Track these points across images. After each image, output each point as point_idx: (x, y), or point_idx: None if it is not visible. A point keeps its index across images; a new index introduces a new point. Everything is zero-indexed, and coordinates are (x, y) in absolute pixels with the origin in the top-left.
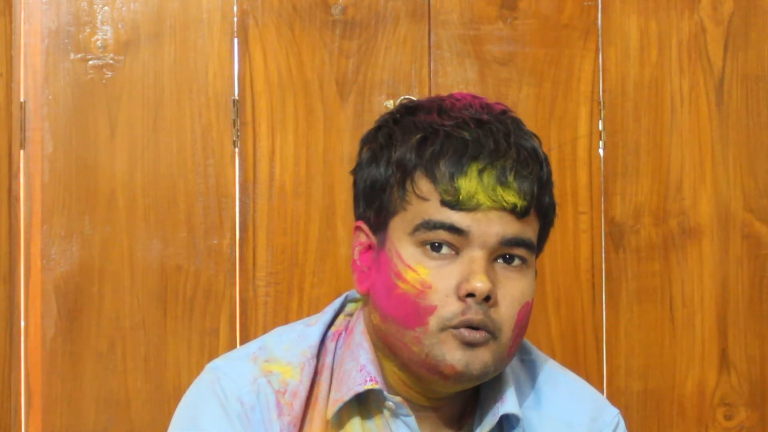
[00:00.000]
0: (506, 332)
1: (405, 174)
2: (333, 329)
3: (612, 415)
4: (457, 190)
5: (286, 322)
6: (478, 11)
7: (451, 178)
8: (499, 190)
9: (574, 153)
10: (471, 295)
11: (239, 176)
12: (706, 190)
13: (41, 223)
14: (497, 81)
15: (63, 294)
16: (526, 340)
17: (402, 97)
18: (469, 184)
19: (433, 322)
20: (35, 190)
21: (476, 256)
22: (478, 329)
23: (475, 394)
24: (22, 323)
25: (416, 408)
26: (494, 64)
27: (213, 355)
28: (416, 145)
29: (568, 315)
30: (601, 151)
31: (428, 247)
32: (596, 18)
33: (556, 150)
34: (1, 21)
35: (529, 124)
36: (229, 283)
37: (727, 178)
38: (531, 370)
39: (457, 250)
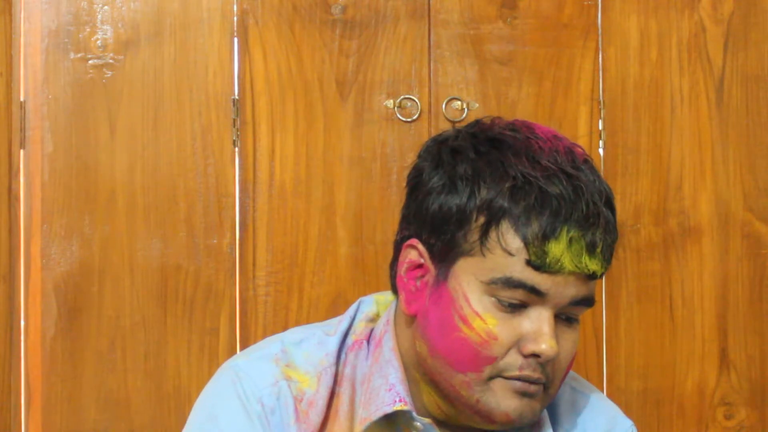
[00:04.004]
0: (557, 382)
1: (492, 219)
2: (353, 337)
3: (626, 427)
4: (545, 254)
5: (286, 321)
6: (478, 11)
7: (543, 240)
8: (585, 258)
9: None
10: (535, 355)
11: (239, 176)
12: (706, 189)
13: (41, 223)
14: (497, 81)
15: (63, 294)
16: None
17: (402, 96)
18: (558, 249)
19: (487, 371)
20: (35, 189)
21: (545, 315)
22: (534, 383)
23: None
24: (22, 323)
25: (443, 425)
26: (494, 63)
27: (213, 354)
28: (509, 194)
29: None
30: (601, 151)
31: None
32: (596, 18)
33: None
34: (1, 21)
35: None
36: (229, 283)
37: (727, 178)
38: None
39: (526, 306)
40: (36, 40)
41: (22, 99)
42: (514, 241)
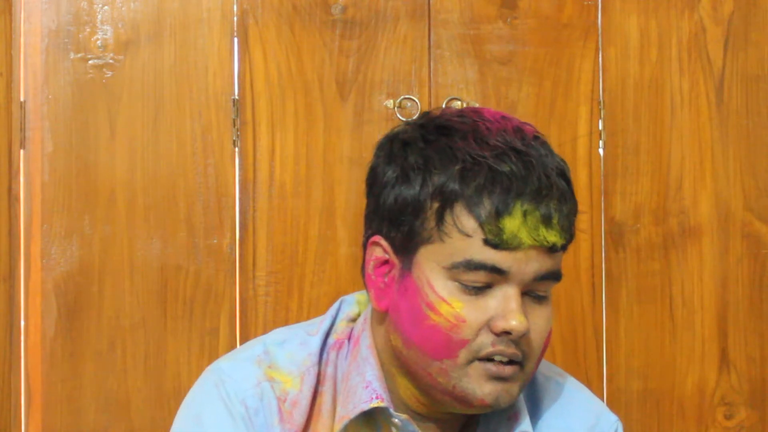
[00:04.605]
0: (532, 361)
1: (445, 204)
2: (334, 336)
3: (611, 422)
4: (501, 230)
5: (286, 322)
6: (478, 11)
7: (497, 217)
8: (542, 230)
9: (574, 153)
10: (507, 332)
11: (239, 176)
12: (706, 189)
13: (41, 223)
14: (497, 81)
15: (63, 294)
16: None
17: (402, 96)
18: (513, 224)
19: (462, 355)
20: (35, 189)
21: (511, 293)
22: (509, 363)
23: None
24: (22, 323)
25: (424, 419)
26: (494, 63)
27: (213, 354)
28: (458, 176)
29: (568, 315)
30: (601, 151)
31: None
32: (596, 18)
33: (556, 150)
34: (1, 21)
35: None
36: (229, 283)
37: (727, 178)
38: (531, 378)
39: (491, 285)
40: (36, 40)
41: (22, 99)
42: (469, 222)
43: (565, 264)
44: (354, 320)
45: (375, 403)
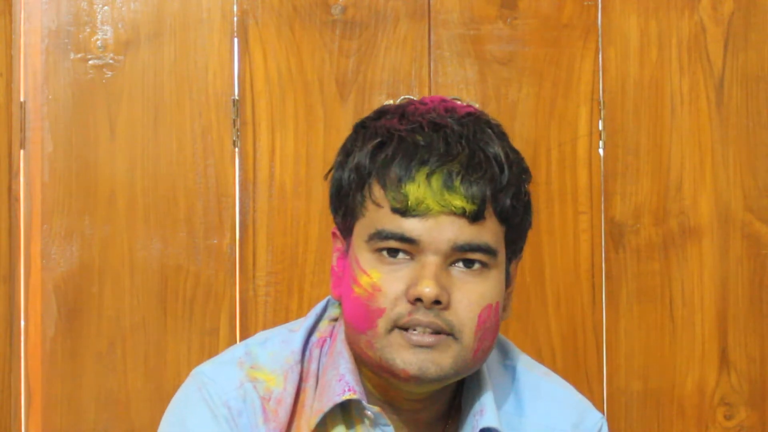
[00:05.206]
0: (467, 334)
1: (362, 180)
2: (318, 335)
3: (595, 420)
4: (405, 197)
5: (286, 321)
6: (478, 11)
7: (399, 184)
8: (447, 194)
9: (574, 153)
10: (419, 299)
11: (239, 176)
12: (706, 189)
13: (41, 223)
14: (497, 81)
15: (63, 294)
16: (511, 344)
17: (402, 97)
18: (417, 189)
19: (381, 324)
20: (35, 190)
21: (428, 261)
22: (431, 333)
23: (457, 397)
24: (22, 323)
25: (396, 411)
26: (494, 64)
27: (213, 354)
28: (372, 151)
29: (568, 315)
30: (601, 151)
31: (384, 253)
32: (596, 18)
33: (556, 150)
34: (1, 21)
35: (529, 124)
36: (229, 283)
37: (727, 178)
38: (513, 375)
39: (411, 256)
40: (36, 40)
41: (22, 99)
42: (378, 193)
43: (565, 264)
44: (336, 319)
45: (347, 396)
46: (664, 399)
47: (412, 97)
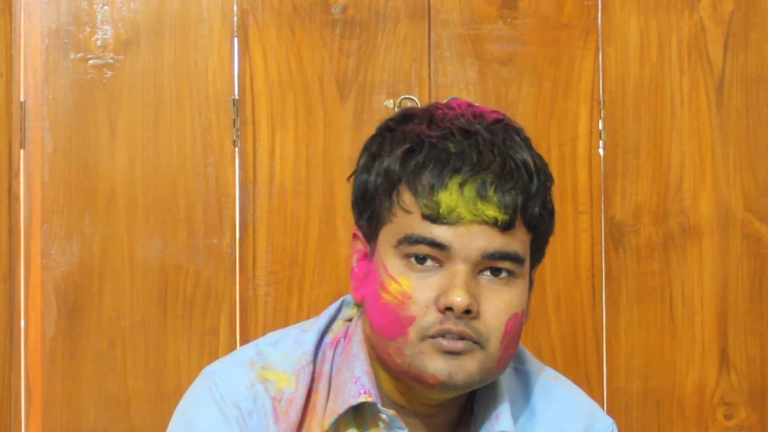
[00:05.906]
0: (494, 343)
1: (391, 185)
2: (331, 335)
3: (606, 425)
4: (437, 204)
5: (286, 321)
6: (478, 11)
7: (432, 191)
8: (480, 204)
9: (574, 153)
10: (450, 309)
11: (239, 176)
12: (706, 189)
13: (41, 223)
14: (497, 81)
15: (63, 294)
16: (522, 348)
17: (402, 96)
18: (449, 197)
19: (412, 332)
20: (35, 189)
21: (458, 269)
22: (460, 339)
23: (471, 402)
24: (22, 323)
25: (411, 415)
26: (494, 63)
27: (213, 354)
28: (402, 157)
29: (568, 315)
30: (601, 151)
31: (412, 259)
32: (596, 18)
33: (556, 150)
34: (1, 21)
35: (529, 124)
36: (229, 283)
37: (727, 178)
38: (525, 379)
39: (440, 263)
40: (36, 40)
41: (22, 99)
42: (409, 199)
43: (565, 264)
44: (350, 320)
45: (363, 398)
46: (664, 399)
47: (412, 97)
